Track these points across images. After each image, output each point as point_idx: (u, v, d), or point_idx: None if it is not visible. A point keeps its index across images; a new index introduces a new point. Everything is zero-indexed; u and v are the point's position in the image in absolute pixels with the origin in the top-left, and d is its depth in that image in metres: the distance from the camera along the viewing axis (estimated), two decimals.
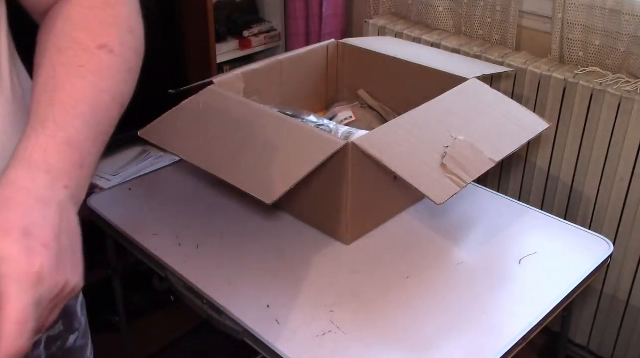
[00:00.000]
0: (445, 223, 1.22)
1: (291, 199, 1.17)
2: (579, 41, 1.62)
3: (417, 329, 0.97)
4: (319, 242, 1.16)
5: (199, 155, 1.06)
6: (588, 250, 1.15)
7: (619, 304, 1.66)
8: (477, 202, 1.28)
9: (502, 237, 1.19)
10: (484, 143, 1.09)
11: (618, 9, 1.52)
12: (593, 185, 1.61)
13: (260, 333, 0.95)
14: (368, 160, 1.02)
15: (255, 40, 2.40)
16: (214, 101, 1.17)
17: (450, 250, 1.15)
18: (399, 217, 1.23)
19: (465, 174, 1.01)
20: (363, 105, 1.48)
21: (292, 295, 1.04)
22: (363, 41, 1.55)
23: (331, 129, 1.23)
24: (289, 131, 1.06)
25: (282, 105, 1.32)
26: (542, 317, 0.99)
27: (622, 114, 1.50)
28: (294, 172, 0.96)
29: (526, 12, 1.76)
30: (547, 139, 1.66)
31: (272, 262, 1.11)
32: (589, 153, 1.59)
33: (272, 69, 1.38)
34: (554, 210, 1.70)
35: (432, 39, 1.84)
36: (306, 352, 0.92)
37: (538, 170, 1.71)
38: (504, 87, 1.70)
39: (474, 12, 1.81)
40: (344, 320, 0.98)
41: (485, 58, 1.71)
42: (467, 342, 0.95)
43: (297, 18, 2.33)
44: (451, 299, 1.03)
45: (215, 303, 1.01)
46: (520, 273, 1.09)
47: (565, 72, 1.60)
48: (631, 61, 1.54)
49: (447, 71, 1.31)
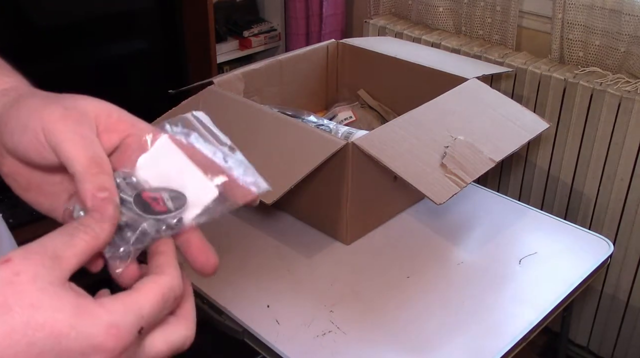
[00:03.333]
0: (445, 223, 1.22)
1: (291, 199, 1.17)
2: (579, 41, 1.62)
3: (417, 329, 0.97)
4: (319, 242, 1.16)
5: None
6: (588, 250, 1.15)
7: (619, 304, 1.66)
8: (477, 202, 1.28)
9: (502, 237, 1.19)
10: (484, 143, 1.08)
11: (618, 9, 1.52)
12: (593, 185, 1.60)
13: (260, 333, 0.95)
14: (368, 160, 1.02)
15: (255, 40, 2.40)
16: (214, 101, 1.17)
17: (450, 250, 1.15)
18: (399, 217, 1.23)
19: (465, 174, 1.01)
20: (363, 105, 1.48)
21: (292, 295, 1.04)
22: (363, 41, 1.55)
23: (331, 129, 1.23)
24: (289, 131, 1.06)
25: (282, 105, 1.32)
26: (542, 317, 0.99)
27: (622, 114, 1.50)
28: (294, 172, 0.96)
29: (526, 12, 1.76)
30: (547, 139, 1.65)
31: (272, 262, 1.11)
32: (589, 153, 1.59)
33: (272, 69, 1.38)
34: (554, 210, 1.69)
35: (432, 39, 1.84)
36: (306, 352, 0.92)
37: (538, 170, 1.71)
38: (504, 87, 1.70)
39: (474, 12, 1.81)
40: (344, 320, 0.98)
41: (485, 58, 1.71)
42: (467, 342, 0.95)
43: (297, 18, 2.33)
44: (451, 299, 1.03)
45: (215, 303, 1.01)
46: (520, 273, 1.09)
47: (565, 72, 1.60)
48: (631, 61, 1.54)
49: (447, 71, 1.31)
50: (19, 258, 0.33)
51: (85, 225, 0.37)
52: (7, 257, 0.33)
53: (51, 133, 0.38)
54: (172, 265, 0.39)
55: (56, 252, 0.34)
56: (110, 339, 0.33)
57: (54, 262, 0.34)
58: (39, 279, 0.33)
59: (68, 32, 1.91)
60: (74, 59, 1.97)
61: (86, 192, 0.37)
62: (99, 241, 0.36)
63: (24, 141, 0.39)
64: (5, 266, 0.33)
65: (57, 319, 0.32)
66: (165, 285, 0.37)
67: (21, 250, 0.34)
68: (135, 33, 2.10)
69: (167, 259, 0.39)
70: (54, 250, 0.34)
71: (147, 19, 2.11)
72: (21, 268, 0.33)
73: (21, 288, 0.32)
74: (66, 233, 0.36)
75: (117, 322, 0.34)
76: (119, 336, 0.34)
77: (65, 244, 0.35)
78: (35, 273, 0.33)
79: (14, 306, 0.32)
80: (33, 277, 0.33)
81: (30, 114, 0.39)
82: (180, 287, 0.38)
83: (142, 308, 0.35)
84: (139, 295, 0.36)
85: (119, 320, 0.34)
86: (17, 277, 0.32)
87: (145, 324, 0.35)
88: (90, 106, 0.40)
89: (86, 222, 0.37)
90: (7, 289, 0.32)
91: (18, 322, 0.32)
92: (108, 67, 2.04)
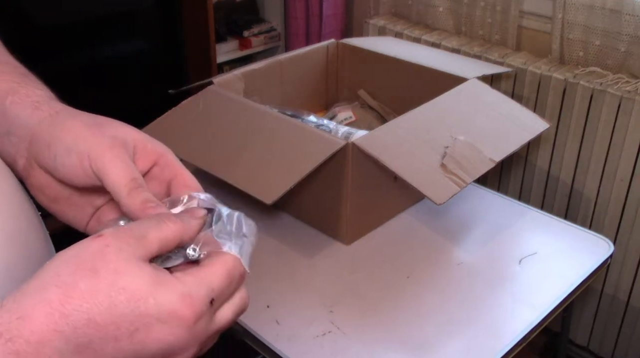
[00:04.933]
0: (445, 223, 1.22)
1: (291, 199, 1.17)
2: (579, 41, 1.62)
3: (417, 329, 0.97)
4: (319, 242, 1.16)
5: (198, 155, 1.06)
6: (588, 250, 1.15)
7: (619, 304, 1.66)
8: (477, 202, 1.28)
9: (502, 237, 1.18)
10: (484, 143, 1.08)
11: (618, 9, 1.52)
12: (593, 185, 1.60)
13: (260, 333, 0.95)
14: (368, 160, 1.02)
15: (255, 40, 2.40)
16: (214, 101, 1.17)
17: (450, 250, 1.14)
18: (399, 217, 1.23)
19: (465, 173, 1.01)
20: (363, 105, 1.48)
21: (292, 295, 1.03)
22: (363, 41, 1.55)
23: (331, 129, 1.23)
24: (289, 131, 1.06)
25: (282, 105, 1.32)
26: (542, 317, 0.99)
27: (622, 114, 1.50)
28: (294, 172, 0.96)
29: (526, 12, 1.76)
30: (547, 139, 1.65)
31: (272, 262, 1.11)
32: (589, 153, 1.59)
33: (272, 69, 1.38)
34: (554, 210, 1.69)
35: (432, 39, 1.84)
36: (306, 352, 0.92)
37: (538, 170, 1.71)
38: (504, 87, 1.70)
39: (474, 12, 1.81)
40: (344, 320, 0.98)
41: (485, 58, 1.71)
42: (467, 342, 0.95)
43: (297, 18, 2.33)
44: (451, 299, 1.03)
45: None
46: (520, 273, 1.09)
47: (565, 72, 1.60)
48: (631, 61, 1.54)
49: (447, 71, 1.31)
50: (109, 234, 0.37)
51: (179, 217, 0.41)
52: (99, 233, 0.37)
53: (98, 160, 0.43)
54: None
55: (143, 232, 0.38)
56: (185, 307, 0.37)
57: (138, 241, 0.38)
58: (123, 251, 0.37)
59: (68, 31, 1.92)
60: (74, 59, 1.97)
61: (135, 205, 0.42)
62: (185, 233, 0.40)
63: (67, 164, 0.43)
64: (97, 239, 0.37)
65: (137, 285, 0.36)
66: (230, 263, 0.41)
67: (112, 229, 0.38)
68: (135, 33, 2.10)
69: None
70: (141, 231, 0.38)
71: (146, 19, 2.11)
72: (110, 241, 0.37)
73: (108, 257, 0.36)
74: (157, 218, 0.40)
75: (191, 292, 0.37)
76: (193, 305, 0.37)
77: (152, 227, 0.39)
78: (121, 247, 0.37)
79: (101, 270, 0.35)
80: (119, 249, 0.37)
81: (75, 139, 0.43)
82: (242, 267, 0.42)
83: (212, 282, 0.39)
84: (209, 270, 0.40)
85: (192, 291, 0.38)
86: (106, 248, 0.36)
87: (215, 296, 0.39)
88: (129, 134, 0.45)
89: (179, 216, 0.41)
90: (96, 257, 0.36)
91: (103, 284, 0.35)
92: (108, 67, 2.04)
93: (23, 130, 0.46)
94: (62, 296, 0.34)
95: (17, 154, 0.47)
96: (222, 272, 0.40)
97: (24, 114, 0.46)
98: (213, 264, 0.40)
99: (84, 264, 0.36)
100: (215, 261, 0.40)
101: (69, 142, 0.43)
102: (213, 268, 0.40)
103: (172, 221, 0.40)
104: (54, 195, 0.47)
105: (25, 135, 0.46)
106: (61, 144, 0.44)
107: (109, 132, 0.44)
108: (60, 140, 0.44)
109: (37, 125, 0.45)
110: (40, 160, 0.45)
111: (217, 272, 0.40)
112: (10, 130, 0.46)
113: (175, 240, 0.40)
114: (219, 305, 0.40)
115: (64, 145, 0.43)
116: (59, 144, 0.44)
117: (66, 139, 0.44)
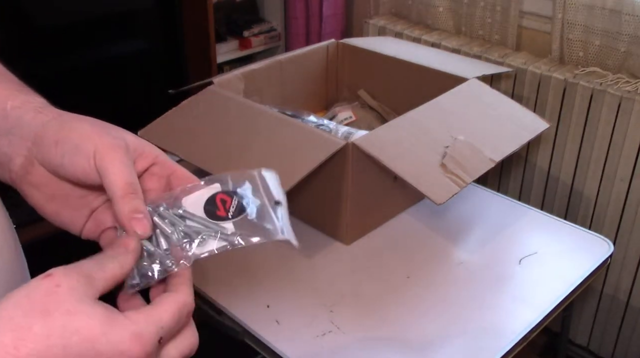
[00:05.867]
0: (445, 223, 1.22)
1: (291, 199, 1.16)
2: (579, 41, 1.62)
3: (417, 329, 0.97)
4: (319, 242, 1.16)
5: (198, 155, 1.06)
6: (588, 250, 1.15)
7: (619, 304, 1.66)
8: (477, 202, 1.28)
9: (502, 237, 1.18)
10: (484, 143, 1.08)
11: (618, 9, 1.52)
12: (593, 185, 1.60)
13: (260, 333, 0.95)
14: (368, 160, 1.02)
15: (255, 40, 2.40)
16: (214, 101, 1.17)
17: (450, 250, 1.14)
18: (399, 217, 1.23)
19: (465, 173, 1.01)
20: (363, 105, 1.48)
21: (292, 295, 1.03)
22: (363, 41, 1.55)
23: (331, 129, 1.23)
24: (289, 131, 1.06)
25: (282, 105, 1.32)
26: (542, 317, 0.99)
27: (622, 114, 1.50)
28: (294, 172, 0.96)
29: (526, 12, 1.76)
30: (547, 139, 1.65)
31: (272, 262, 1.11)
32: (589, 153, 1.59)
33: (272, 69, 1.38)
34: (554, 210, 1.69)
35: (432, 39, 1.84)
36: (306, 352, 0.92)
37: (538, 170, 1.71)
38: (504, 87, 1.70)
39: (474, 12, 1.81)
40: (344, 320, 0.98)
41: (485, 58, 1.71)
42: (467, 342, 0.95)
43: (297, 18, 2.33)
44: (451, 299, 1.03)
45: (215, 303, 1.01)
46: (520, 273, 1.09)
47: (565, 72, 1.60)
48: (631, 61, 1.54)
49: (447, 71, 1.31)
50: (59, 273, 0.38)
51: (114, 255, 0.42)
52: (48, 273, 0.38)
53: (102, 157, 0.44)
54: (187, 286, 0.44)
55: (89, 273, 0.39)
56: (135, 346, 0.38)
57: (87, 280, 0.39)
58: (75, 291, 0.37)
59: (68, 31, 1.91)
60: (74, 59, 1.97)
61: (123, 214, 0.43)
62: (123, 270, 0.42)
63: (75, 161, 0.45)
64: (47, 279, 0.37)
65: (90, 325, 0.37)
66: (180, 302, 0.42)
67: (61, 268, 0.39)
68: (135, 33, 2.10)
69: (183, 280, 0.44)
70: (88, 271, 0.39)
71: (146, 19, 2.11)
72: (61, 281, 0.37)
73: (60, 297, 0.37)
74: (99, 260, 0.41)
75: (141, 331, 0.38)
76: (142, 343, 0.38)
77: (97, 268, 0.40)
78: (72, 287, 0.37)
79: (54, 312, 0.36)
80: (70, 289, 0.37)
81: (82, 137, 0.45)
82: (193, 304, 0.43)
83: (161, 320, 0.40)
84: (160, 308, 0.41)
85: (142, 330, 0.39)
86: (57, 288, 0.37)
87: (164, 334, 0.40)
88: (129, 138, 0.47)
89: (115, 253, 0.42)
90: (48, 298, 0.37)
91: (57, 326, 0.36)
92: (108, 67, 2.04)
93: (25, 130, 0.47)
94: (16, 340, 0.35)
95: (14, 153, 0.47)
96: (172, 311, 0.41)
97: (27, 117, 0.47)
98: (164, 303, 0.41)
99: (37, 306, 0.36)
100: (166, 300, 0.42)
101: (77, 141, 0.45)
102: (164, 306, 0.41)
103: (112, 261, 0.41)
104: (51, 193, 0.48)
105: (27, 136, 0.47)
106: (70, 142, 0.45)
107: (113, 133, 0.46)
108: (68, 138, 0.45)
109: (42, 126, 0.46)
110: (46, 158, 0.46)
111: (168, 310, 0.41)
112: (10, 131, 0.47)
113: (114, 279, 0.41)
114: (165, 342, 0.41)
115: (73, 143, 0.45)
116: (67, 142, 0.45)
117: (74, 138, 0.45)
